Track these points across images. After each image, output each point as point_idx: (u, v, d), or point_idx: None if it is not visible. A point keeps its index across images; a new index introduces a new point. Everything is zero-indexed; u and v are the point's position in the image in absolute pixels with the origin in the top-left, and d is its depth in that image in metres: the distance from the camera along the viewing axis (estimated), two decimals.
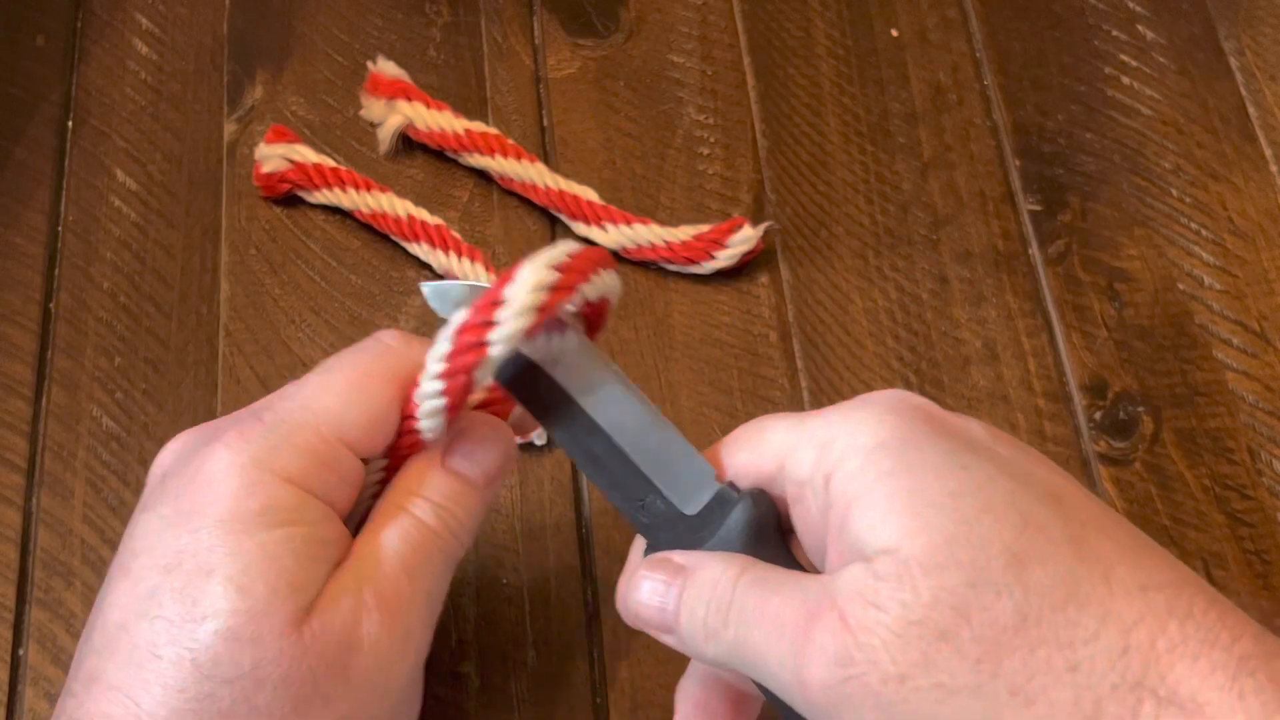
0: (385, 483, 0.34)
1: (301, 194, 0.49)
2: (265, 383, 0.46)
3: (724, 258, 0.47)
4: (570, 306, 0.33)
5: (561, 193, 0.48)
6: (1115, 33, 0.54)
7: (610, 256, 0.34)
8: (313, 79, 0.52)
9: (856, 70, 0.53)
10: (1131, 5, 0.54)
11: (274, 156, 0.49)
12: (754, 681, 0.32)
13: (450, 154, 0.50)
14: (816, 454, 0.31)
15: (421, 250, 0.47)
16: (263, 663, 0.30)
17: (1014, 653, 0.28)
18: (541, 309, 0.32)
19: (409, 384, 0.34)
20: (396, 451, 0.34)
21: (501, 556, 0.43)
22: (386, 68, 0.51)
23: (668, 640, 0.33)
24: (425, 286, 0.36)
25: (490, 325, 0.32)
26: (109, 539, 0.43)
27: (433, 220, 0.48)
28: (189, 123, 0.51)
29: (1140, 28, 0.54)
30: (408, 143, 0.50)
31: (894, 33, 0.54)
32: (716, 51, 0.53)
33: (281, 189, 0.49)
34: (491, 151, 0.49)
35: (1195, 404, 0.46)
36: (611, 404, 0.34)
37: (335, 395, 0.33)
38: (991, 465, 0.30)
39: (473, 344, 0.32)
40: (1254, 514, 0.44)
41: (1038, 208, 0.50)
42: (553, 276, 0.32)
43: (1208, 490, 0.44)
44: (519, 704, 0.41)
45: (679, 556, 0.33)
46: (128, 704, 0.30)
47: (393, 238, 0.48)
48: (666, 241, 0.47)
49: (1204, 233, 0.49)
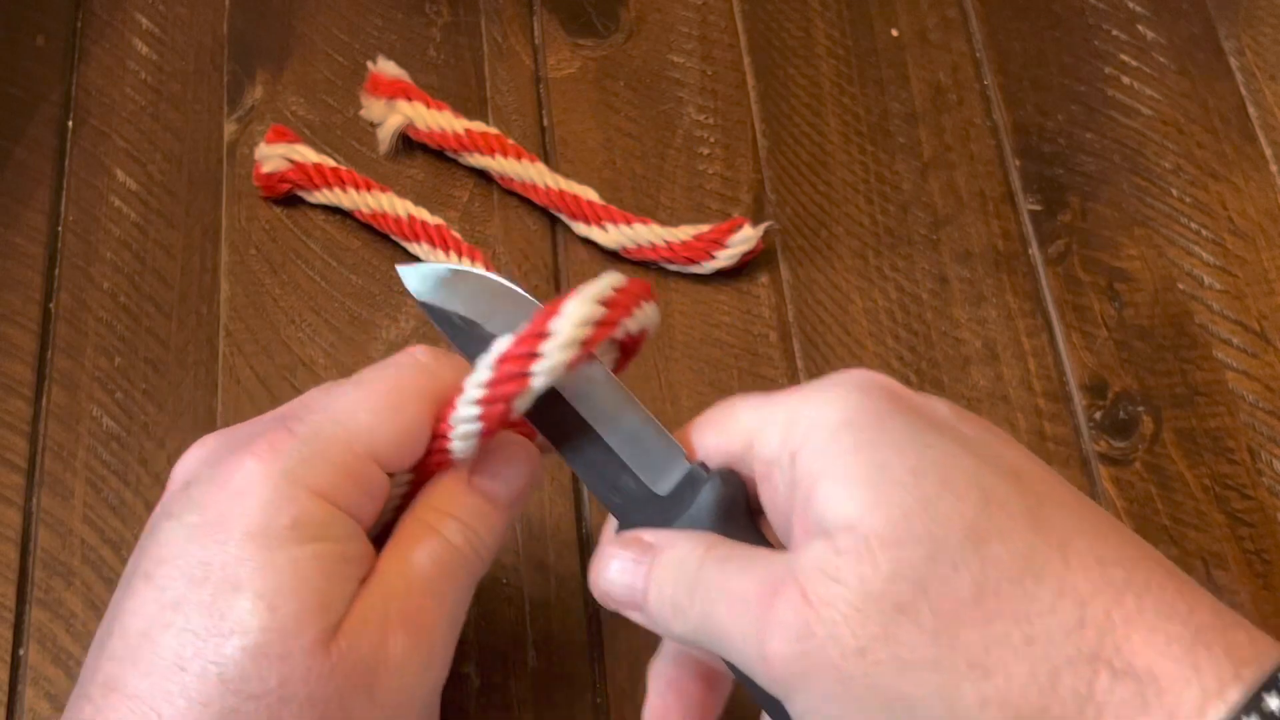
0: (408, 497, 0.34)
1: (301, 194, 0.49)
2: (265, 383, 0.46)
3: (724, 258, 0.47)
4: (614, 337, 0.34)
5: (561, 193, 0.48)
6: (1115, 33, 0.54)
7: (652, 288, 0.34)
8: (313, 79, 0.52)
9: (856, 70, 0.53)
10: (1131, 5, 0.54)
11: (274, 156, 0.49)
12: (722, 659, 0.32)
13: (450, 154, 0.50)
14: (783, 432, 0.32)
15: (422, 250, 0.47)
16: (290, 680, 0.30)
17: (971, 625, 0.28)
18: (586, 343, 0.32)
19: (441, 403, 0.33)
20: (423, 467, 0.34)
21: (501, 557, 0.43)
22: (386, 68, 0.51)
23: (636, 618, 0.33)
24: (402, 270, 0.35)
25: (534, 357, 0.32)
26: (109, 539, 0.43)
27: (433, 220, 0.48)
28: (189, 123, 0.51)
29: (1140, 28, 0.54)
30: (408, 143, 0.50)
31: (894, 33, 0.54)
32: (716, 51, 0.53)
33: (281, 189, 0.49)
34: (491, 151, 0.49)
35: (1195, 404, 0.46)
36: (585, 383, 0.34)
37: (368, 410, 0.33)
38: (954, 443, 0.30)
39: (515, 374, 0.32)
40: (1254, 514, 0.44)
41: (1038, 208, 0.50)
42: (599, 312, 0.32)
43: (1208, 490, 0.44)
44: (519, 704, 0.41)
45: (648, 535, 0.33)
46: (149, 714, 0.30)
47: (393, 238, 0.48)
48: (666, 241, 0.47)
49: (1204, 233, 0.49)
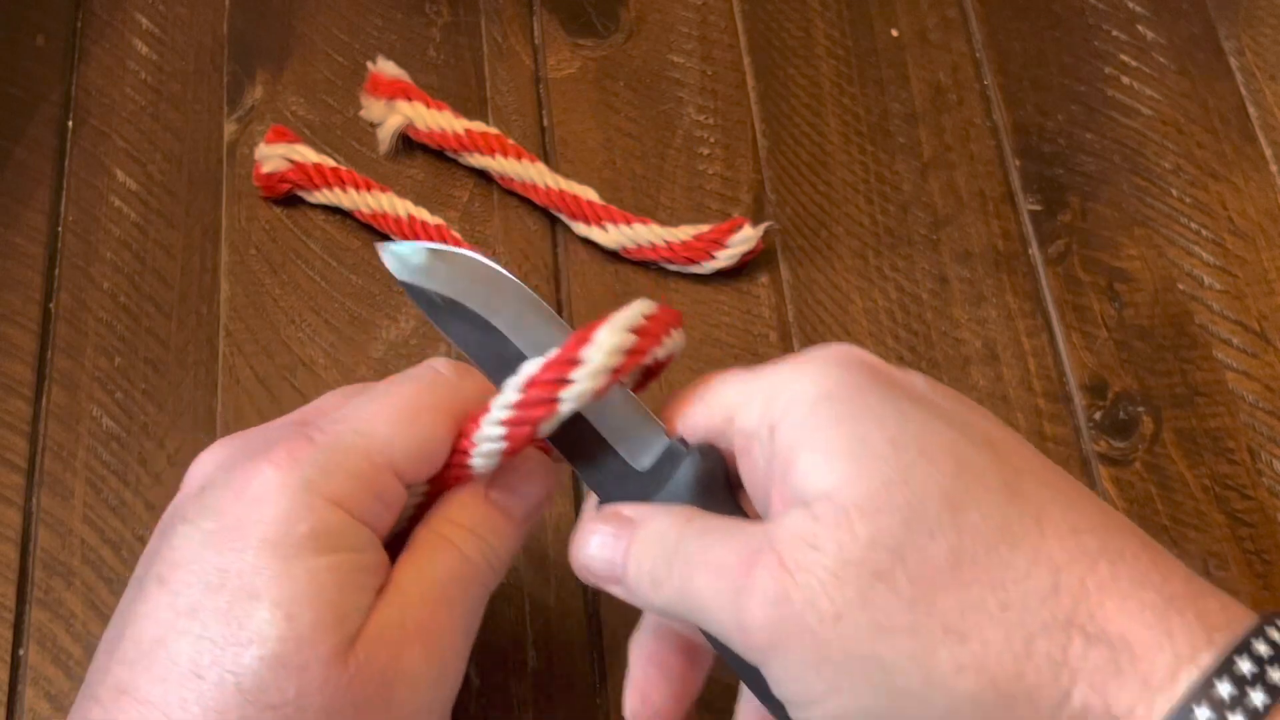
0: (422, 507, 0.34)
1: (301, 194, 0.49)
2: (265, 383, 0.46)
3: (724, 258, 0.47)
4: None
5: (561, 193, 0.48)
6: (1115, 33, 0.54)
7: (680, 316, 0.35)
8: (313, 79, 0.52)
9: (856, 70, 0.53)
10: (1131, 5, 0.54)
11: (274, 156, 0.49)
12: (701, 631, 0.32)
13: (450, 154, 0.50)
14: (763, 406, 0.32)
15: None
16: (307, 691, 0.30)
17: (948, 592, 0.28)
18: (616, 371, 0.32)
19: (461, 416, 0.33)
20: (439, 479, 0.34)
21: None
22: (386, 68, 0.51)
23: (616, 591, 0.33)
24: (382, 249, 0.35)
25: (564, 384, 0.32)
26: (109, 539, 0.43)
27: (433, 220, 0.48)
28: (189, 123, 0.51)
29: (1140, 28, 0.54)
30: (408, 143, 0.50)
31: (894, 33, 0.54)
32: (716, 51, 0.53)
33: (281, 189, 0.49)
34: (491, 151, 0.49)
35: (1195, 404, 0.46)
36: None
37: (388, 422, 0.33)
38: (932, 415, 0.31)
39: (543, 399, 0.32)
40: (1254, 514, 0.44)
41: (1038, 208, 0.50)
42: (630, 340, 0.33)
43: (1208, 490, 0.44)
44: (519, 704, 0.41)
45: (627, 509, 0.33)
46: None
47: (393, 238, 0.48)
48: (666, 241, 0.47)
49: (1204, 233, 0.49)
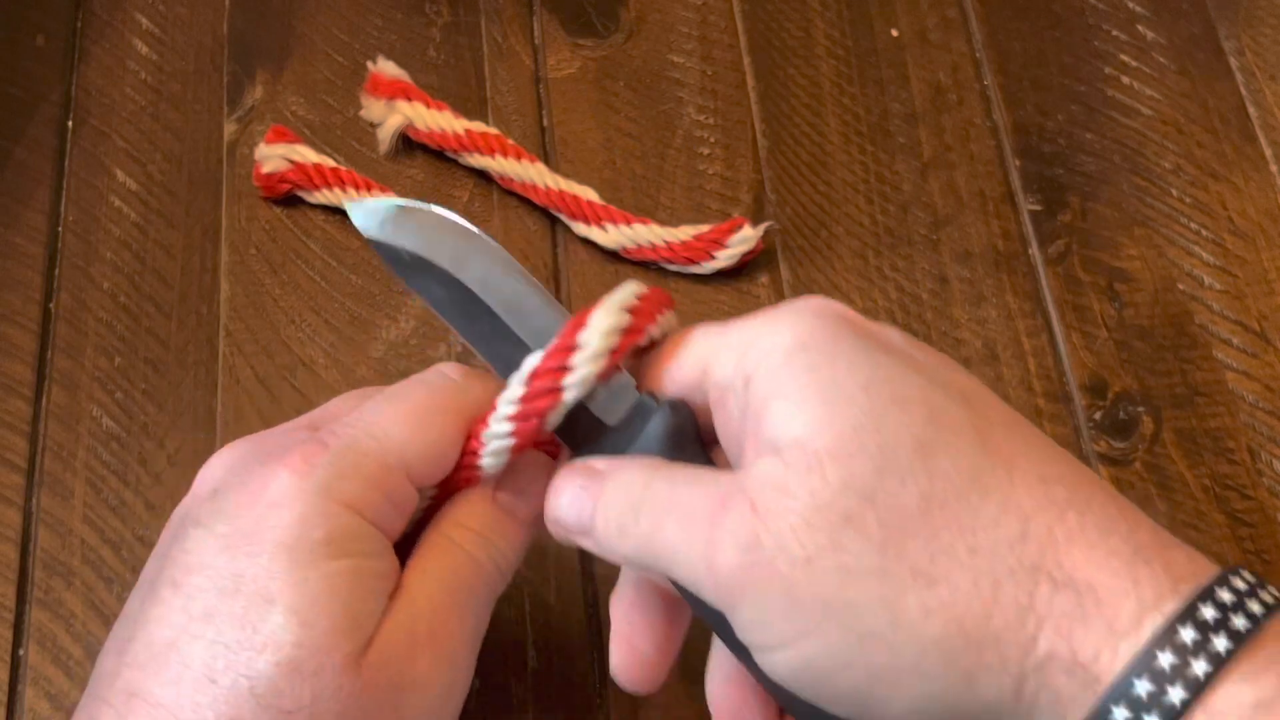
0: (431, 510, 0.34)
1: (301, 194, 0.49)
2: (265, 383, 0.46)
3: (724, 258, 0.47)
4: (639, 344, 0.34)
5: (561, 193, 0.48)
6: (1115, 33, 0.54)
7: (670, 297, 0.35)
8: (313, 79, 0.52)
9: (856, 70, 0.53)
10: (1131, 5, 0.54)
11: (274, 156, 0.49)
12: (670, 580, 0.32)
13: (450, 154, 0.50)
14: (737, 358, 0.32)
15: None
16: (322, 697, 0.30)
17: (917, 536, 0.28)
18: (615, 352, 0.32)
19: (471, 419, 0.34)
20: (448, 482, 0.34)
21: None
22: (386, 68, 0.51)
23: (586, 544, 0.33)
24: (349, 205, 0.35)
25: (565, 371, 0.32)
26: (109, 539, 0.43)
27: None
28: (189, 123, 0.51)
29: (1140, 28, 0.54)
30: (408, 143, 0.50)
31: (894, 33, 0.54)
32: (716, 51, 0.53)
33: (281, 189, 0.49)
34: (491, 151, 0.49)
35: (1195, 404, 0.46)
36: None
37: (401, 425, 0.33)
38: (905, 365, 0.31)
39: (547, 389, 0.32)
40: (1254, 514, 0.44)
41: (1038, 208, 0.50)
42: (625, 320, 0.33)
43: (1208, 490, 0.44)
44: (520, 704, 0.41)
45: (598, 463, 0.33)
46: None
47: None
48: (666, 241, 0.47)
49: (1204, 233, 0.49)
